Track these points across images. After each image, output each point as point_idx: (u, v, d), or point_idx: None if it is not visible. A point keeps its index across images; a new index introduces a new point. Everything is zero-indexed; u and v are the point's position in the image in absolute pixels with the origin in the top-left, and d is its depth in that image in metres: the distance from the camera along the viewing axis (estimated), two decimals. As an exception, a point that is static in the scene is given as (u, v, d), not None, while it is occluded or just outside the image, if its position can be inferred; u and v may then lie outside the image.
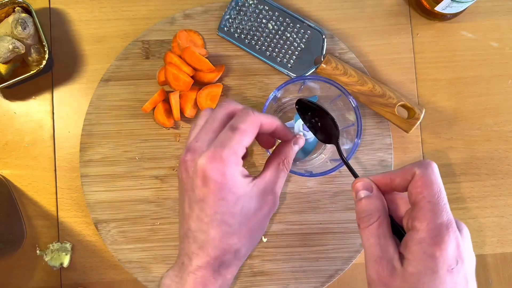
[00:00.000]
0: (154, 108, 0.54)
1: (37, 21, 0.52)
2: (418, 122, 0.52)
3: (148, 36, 0.55)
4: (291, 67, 0.55)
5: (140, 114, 0.55)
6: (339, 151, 0.40)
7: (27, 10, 0.53)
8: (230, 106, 0.38)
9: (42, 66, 0.52)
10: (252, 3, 0.55)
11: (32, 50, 0.53)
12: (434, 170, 0.33)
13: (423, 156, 0.56)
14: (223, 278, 0.37)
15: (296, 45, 0.55)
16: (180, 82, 0.53)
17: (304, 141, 0.42)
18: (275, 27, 0.55)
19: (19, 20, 0.51)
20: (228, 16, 0.55)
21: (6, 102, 0.56)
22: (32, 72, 0.52)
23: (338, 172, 0.55)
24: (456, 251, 0.31)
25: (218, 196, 0.34)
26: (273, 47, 0.55)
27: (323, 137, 0.43)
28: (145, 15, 0.57)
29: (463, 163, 0.57)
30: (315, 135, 0.43)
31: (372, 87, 0.53)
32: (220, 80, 0.55)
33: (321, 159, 0.54)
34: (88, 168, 0.54)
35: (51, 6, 0.57)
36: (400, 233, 0.34)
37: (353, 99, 0.48)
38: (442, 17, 0.56)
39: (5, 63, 0.53)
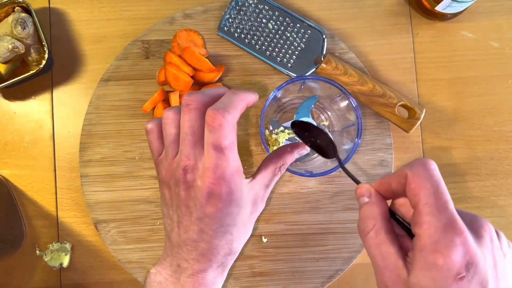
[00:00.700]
0: (154, 108, 0.54)
1: (37, 21, 0.52)
2: (419, 122, 0.52)
3: (148, 36, 0.55)
4: (291, 67, 0.55)
5: (140, 114, 0.55)
6: (340, 163, 0.39)
7: (27, 10, 0.53)
8: (200, 103, 0.36)
9: (42, 66, 0.52)
10: (252, 3, 0.55)
11: (32, 50, 0.53)
12: (427, 167, 0.30)
13: (424, 156, 0.56)
14: (222, 276, 0.39)
15: (296, 45, 0.55)
16: (180, 82, 0.52)
17: (307, 151, 0.42)
18: (275, 27, 0.55)
19: (19, 20, 0.51)
20: (228, 16, 0.55)
21: (6, 102, 0.56)
22: (32, 72, 0.52)
23: (338, 172, 0.54)
24: (465, 256, 0.27)
25: (224, 212, 0.35)
26: (273, 47, 0.55)
27: (325, 153, 0.42)
28: (145, 15, 0.57)
29: (464, 163, 0.56)
30: (319, 153, 0.42)
31: (373, 87, 0.53)
32: (220, 80, 0.55)
33: (321, 159, 0.54)
34: (88, 168, 0.54)
35: (51, 6, 0.57)
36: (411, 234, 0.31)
37: (353, 99, 0.48)
38: (442, 17, 0.56)
39: (5, 63, 0.53)
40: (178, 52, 0.54)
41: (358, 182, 0.35)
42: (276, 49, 0.55)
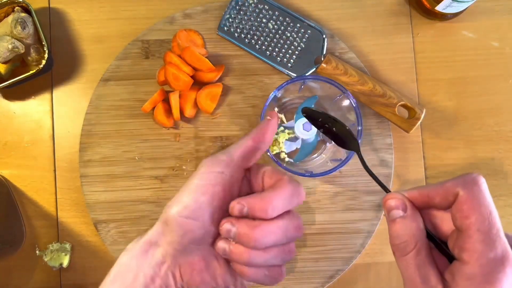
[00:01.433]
0: (154, 108, 0.54)
1: (37, 21, 0.52)
2: (419, 122, 0.52)
3: (148, 36, 0.55)
4: (291, 67, 0.55)
5: (140, 114, 0.55)
6: (363, 163, 0.36)
7: (27, 10, 0.53)
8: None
9: (42, 66, 0.52)
10: (252, 3, 0.55)
11: (32, 50, 0.53)
12: (482, 188, 0.28)
13: (424, 156, 0.56)
14: None
15: (296, 45, 0.55)
16: (180, 82, 0.52)
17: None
18: (275, 27, 0.55)
19: (19, 20, 0.51)
20: (228, 16, 0.55)
21: (6, 102, 0.56)
22: (32, 72, 0.52)
23: (338, 172, 0.54)
24: None
25: None
26: (273, 47, 0.55)
27: (343, 143, 0.40)
28: (145, 15, 0.57)
29: (464, 163, 0.56)
30: (334, 141, 0.40)
31: (373, 87, 0.53)
32: (220, 80, 0.55)
33: (321, 159, 0.54)
34: (88, 168, 0.54)
35: (51, 6, 0.57)
36: (444, 250, 0.30)
37: (354, 99, 0.48)
38: (443, 17, 0.56)
39: (5, 63, 0.53)
40: (178, 52, 0.54)
41: (388, 191, 0.32)
42: (276, 49, 0.55)
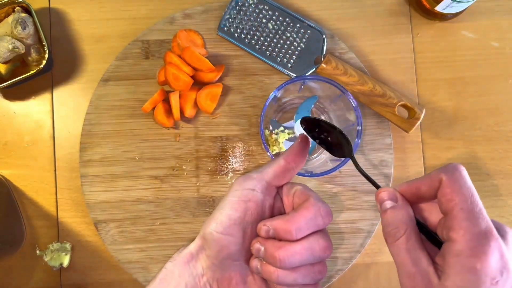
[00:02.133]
0: (154, 108, 0.54)
1: (37, 21, 0.52)
2: (419, 122, 0.52)
3: (148, 36, 0.55)
4: (291, 67, 0.55)
5: (140, 114, 0.55)
6: (356, 165, 0.38)
7: (27, 10, 0.53)
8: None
9: (42, 66, 0.52)
10: (252, 3, 0.55)
11: (32, 50, 0.53)
12: (462, 173, 0.30)
13: (423, 156, 0.56)
14: None
15: (296, 45, 0.55)
16: (180, 82, 0.52)
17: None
18: (275, 27, 0.55)
19: (19, 20, 0.51)
20: (228, 16, 0.55)
21: (6, 102, 0.56)
22: (32, 72, 0.52)
23: (338, 172, 0.54)
24: (500, 261, 0.28)
25: None
26: (273, 47, 0.55)
27: (337, 152, 0.41)
28: (145, 15, 0.57)
29: (463, 163, 0.55)
30: (329, 151, 0.40)
31: (373, 87, 0.53)
32: (220, 80, 0.55)
33: (321, 159, 0.54)
34: (88, 168, 0.54)
35: (51, 6, 0.57)
36: (435, 240, 0.32)
37: (353, 99, 0.48)
38: (443, 17, 0.56)
39: (5, 63, 0.53)
40: (178, 52, 0.54)
41: (378, 187, 0.35)
42: (276, 49, 0.55)
